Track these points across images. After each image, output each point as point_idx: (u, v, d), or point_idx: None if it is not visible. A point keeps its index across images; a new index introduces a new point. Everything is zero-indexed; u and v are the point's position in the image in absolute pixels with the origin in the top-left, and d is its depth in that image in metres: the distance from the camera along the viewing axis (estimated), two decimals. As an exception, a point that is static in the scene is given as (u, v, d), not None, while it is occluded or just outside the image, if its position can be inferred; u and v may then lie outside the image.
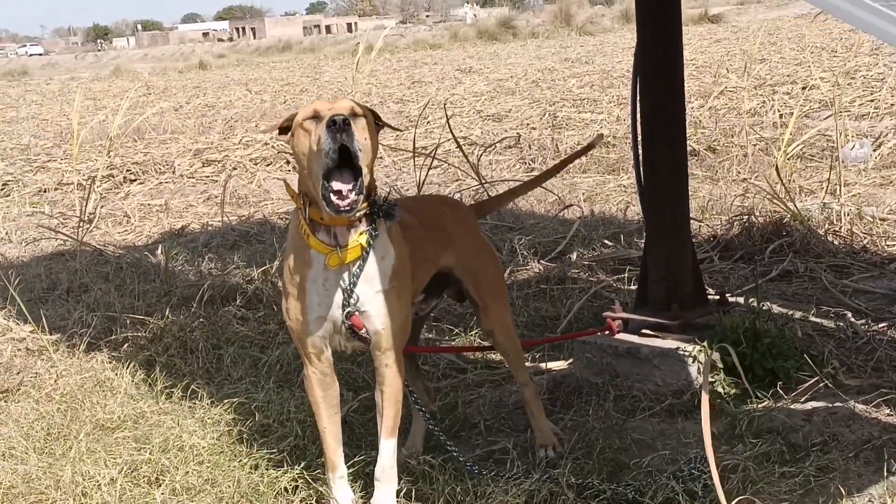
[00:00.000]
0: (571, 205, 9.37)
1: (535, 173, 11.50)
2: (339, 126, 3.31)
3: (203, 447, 4.54)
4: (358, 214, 3.48)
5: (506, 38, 47.82)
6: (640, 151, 5.42)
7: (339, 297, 3.60)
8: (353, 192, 3.37)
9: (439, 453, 4.22)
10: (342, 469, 3.87)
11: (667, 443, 4.45)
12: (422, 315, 4.44)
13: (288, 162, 13.51)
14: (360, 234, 3.55)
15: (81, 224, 9.82)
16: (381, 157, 13.17)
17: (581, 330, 5.85)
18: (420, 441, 4.48)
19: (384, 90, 23.35)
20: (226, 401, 5.09)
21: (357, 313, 3.60)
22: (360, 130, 3.39)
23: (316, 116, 3.45)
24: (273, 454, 4.42)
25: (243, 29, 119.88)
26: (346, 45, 56.37)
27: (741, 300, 5.78)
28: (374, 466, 3.81)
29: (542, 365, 5.50)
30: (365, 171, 3.40)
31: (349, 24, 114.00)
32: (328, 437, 3.85)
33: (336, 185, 3.37)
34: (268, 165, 13.63)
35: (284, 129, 3.63)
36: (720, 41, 28.65)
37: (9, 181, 13.93)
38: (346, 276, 3.57)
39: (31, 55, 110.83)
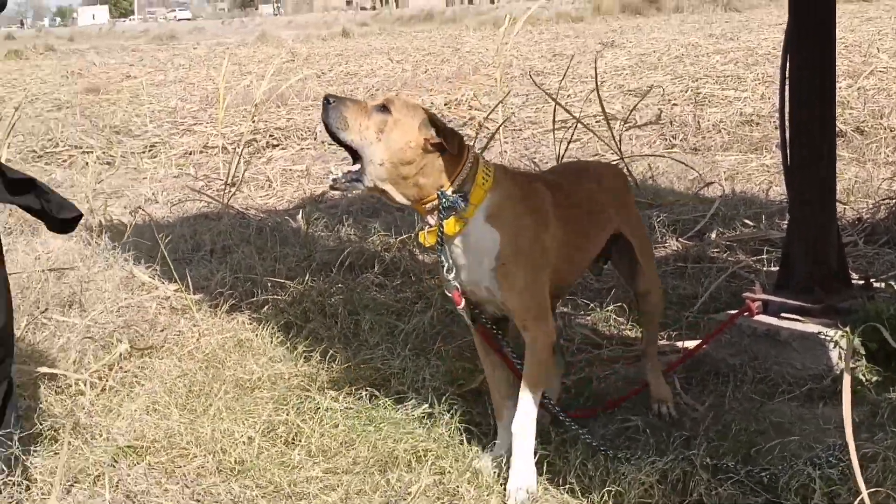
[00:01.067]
0: (712, 183, 9.24)
1: (676, 150, 11.41)
2: (324, 104, 3.74)
3: (338, 411, 4.61)
4: (428, 207, 3.84)
5: (649, 12, 47.18)
6: (787, 131, 5.32)
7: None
8: (344, 177, 3.78)
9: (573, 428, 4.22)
10: (506, 420, 4.09)
11: (804, 428, 4.38)
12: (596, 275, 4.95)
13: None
14: (447, 222, 3.84)
15: (226, 187, 10.03)
16: (519, 130, 13.17)
17: (718, 310, 5.79)
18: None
19: (525, 62, 23.25)
20: (362, 366, 5.16)
21: (457, 289, 3.94)
22: (364, 117, 3.73)
23: None
24: (407, 420, 4.47)
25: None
26: (488, 15, 56.28)
27: (885, 285, 5.65)
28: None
29: (678, 343, 5.45)
30: (371, 158, 3.74)
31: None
32: (492, 390, 4.23)
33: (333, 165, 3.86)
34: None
35: None
36: (872, 20, 27.85)
37: (156, 143, 14.29)
38: (445, 256, 3.91)
39: (179, 20, 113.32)
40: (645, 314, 4.76)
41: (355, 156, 3.78)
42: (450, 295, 4.00)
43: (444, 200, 3.80)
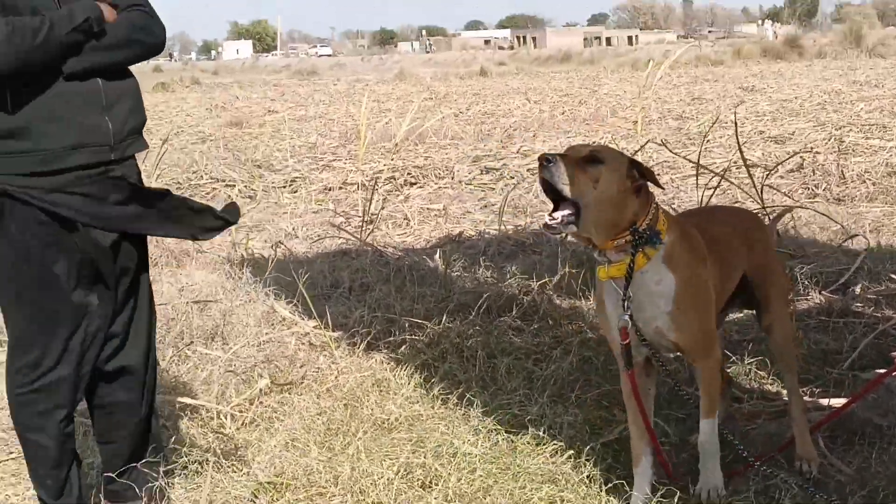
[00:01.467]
0: (856, 235, 9.04)
1: (818, 200, 11.19)
2: (542, 164, 3.88)
3: (476, 455, 4.61)
4: (620, 242, 4.01)
5: (791, 57, 46.62)
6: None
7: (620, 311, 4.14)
8: (560, 220, 3.92)
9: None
10: (643, 464, 4.31)
11: (956, 495, 4.24)
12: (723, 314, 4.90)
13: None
14: (629, 258, 4.03)
15: (364, 224, 10.14)
16: (658, 175, 13.07)
17: (864, 368, 5.65)
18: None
19: (663, 105, 23.12)
20: (499, 411, 5.15)
21: (627, 326, 4.10)
22: (582, 173, 3.90)
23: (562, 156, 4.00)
24: (544, 468, 4.44)
25: (524, 37, 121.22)
26: (626, 57, 56.15)
27: None
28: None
29: (822, 401, 5.33)
30: (588, 207, 3.91)
31: (630, 37, 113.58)
32: (633, 436, 4.35)
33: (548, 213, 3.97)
34: (545, 176, 13.69)
35: None
36: None
37: (297, 178, 14.53)
38: (620, 294, 4.09)
39: (320, 56, 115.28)
40: (776, 354, 4.87)
41: (557, 201, 3.95)
42: (614, 333, 4.17)
43: (638, 236, 4.00)
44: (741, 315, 6.93)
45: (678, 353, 4.47)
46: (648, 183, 4.06)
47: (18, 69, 3.72)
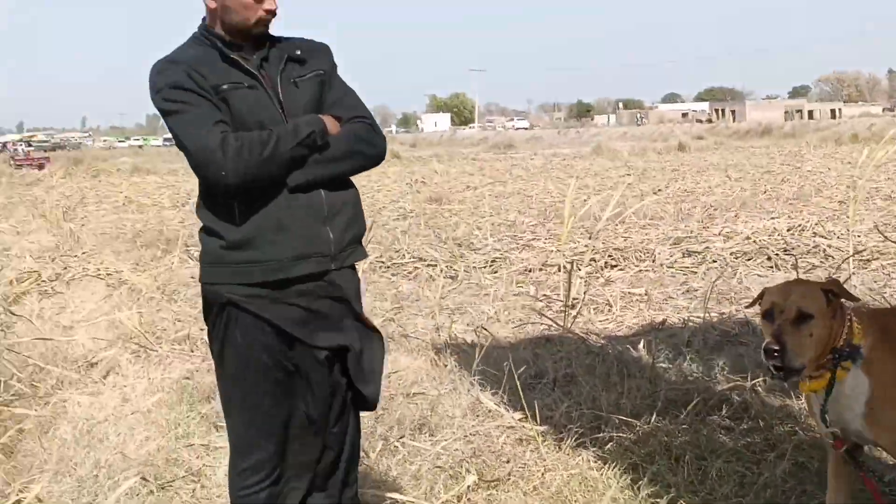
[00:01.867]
0: None
1: None
2: (768, 354, 4.02)
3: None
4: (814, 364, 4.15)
5: None
6: None
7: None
8: (779, 377, 4.07)
9: None
10: None
11: None
12: None
13: (769, 258, 13.32)
14: (829, 374, 4.17)
15: (566, 308, 10.11)
16: (867, 261, 12.68)
17: None
18: None
19: (870, 184, 22.48)
20: (712, 518, 5.03)
21: (838, 436, 4.23)
22: (800, 337, 4.03)
23: (767, 315, 4.16)
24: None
25: (723, 111, 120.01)
26: (828, 131, 55.02)
27: None
28: None
29: None
30: (809, 358, 4.08)
31: (833, 111, 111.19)
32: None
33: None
34: (748, 260, 13.47)
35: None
36: None
37: (497, 258, 14.62)
38: (820, 405, 4.24)
39: (517, 129, 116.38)
40: None
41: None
42: (831, 442, 4.30)
43: (839, 355, 4.11)
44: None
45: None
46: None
47: (247, 183, 3.86)
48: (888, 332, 4.19)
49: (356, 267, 4.30)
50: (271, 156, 3.89)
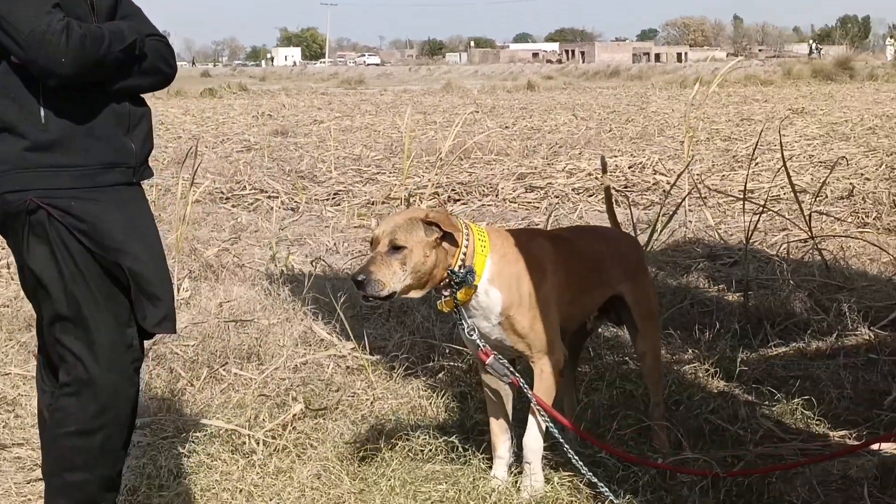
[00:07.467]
0: (908, 267, 8.84)
1: (869, 229, 10.98)
2: (356, 285, 4.26)
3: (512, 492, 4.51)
4: (442, 284, 4.40)
5: (842, 78, 46.23)
6: None
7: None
8: (374, 298, 4.27)
9: None
10: (501, 451, 4.76)
11: None
12: (590, 330, 5.50)
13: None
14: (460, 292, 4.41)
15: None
16: (703, 198, 12.85)
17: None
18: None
19: (711, 125, 22.93)
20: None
21: (481, 348, 4.52)
22: (390, 267, 4.23)
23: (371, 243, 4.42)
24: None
25: (573, 52, 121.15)
26: (674, 74, 55.92)
27: None
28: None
29: (875, 446, 5.15)
30: (402, 284, 4.27)
31: (679, 54, 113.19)
32: (492, 424, 4.81)
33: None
34: (590, 196, 13.58)
35: None
36: None
37: (340, 191, 14.47)
38: (464, 320, 4.51)
39: (368, 65, 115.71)
40: (645, 376, 5.28)
41: None
42: (477, 353, 4.58)
43: (455, 278, 4.35)
44: (787, 349, 6.79)
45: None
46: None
47: (80, 76, 3.61)
48: (510, 251, 4.50)
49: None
50: (106, 54, 3.65)
